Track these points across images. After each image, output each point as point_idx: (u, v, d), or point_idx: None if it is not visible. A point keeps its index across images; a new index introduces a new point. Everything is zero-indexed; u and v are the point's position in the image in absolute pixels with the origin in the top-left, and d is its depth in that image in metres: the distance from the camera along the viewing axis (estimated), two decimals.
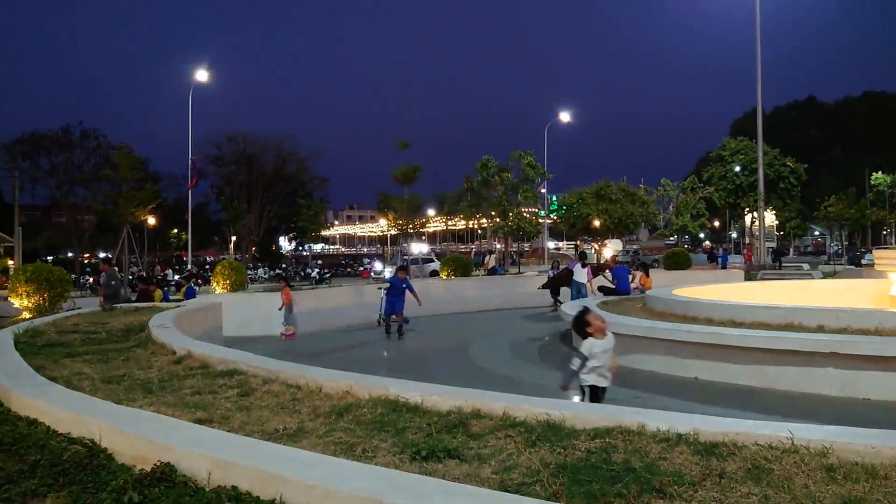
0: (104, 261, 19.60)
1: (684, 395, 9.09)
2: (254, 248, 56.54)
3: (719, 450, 3.49)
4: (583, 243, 56.98)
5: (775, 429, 3.69)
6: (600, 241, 50.73)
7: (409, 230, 44.39)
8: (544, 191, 47.40)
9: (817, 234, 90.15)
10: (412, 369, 12.18)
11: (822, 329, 9.66)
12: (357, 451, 3.72)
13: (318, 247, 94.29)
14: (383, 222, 53.08)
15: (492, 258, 41.55)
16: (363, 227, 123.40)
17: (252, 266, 49.86)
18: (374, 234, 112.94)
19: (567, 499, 2.90)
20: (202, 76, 36.59)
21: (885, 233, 74.85)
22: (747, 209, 45.60)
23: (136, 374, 6.12)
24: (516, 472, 3.30)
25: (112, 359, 6.98)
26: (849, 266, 42.71)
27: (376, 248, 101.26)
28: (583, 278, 18.95)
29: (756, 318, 10.61)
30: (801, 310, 10.61)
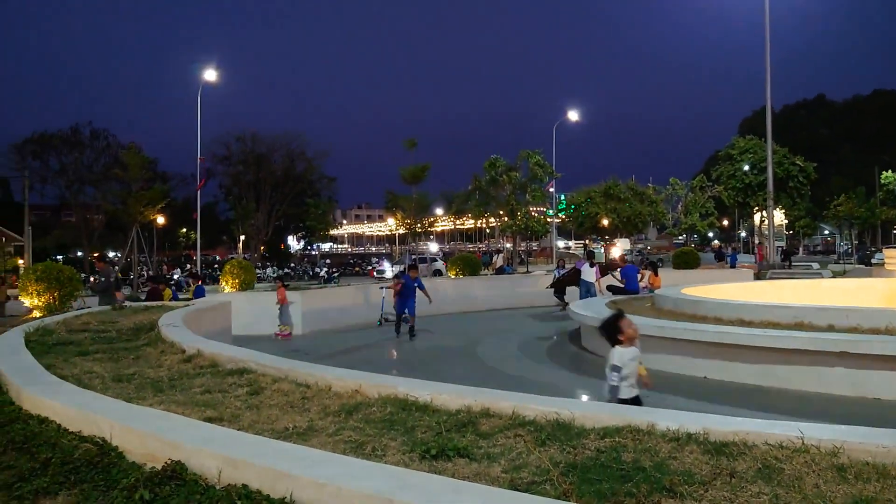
0: (99, 258, 19.60)
1: (693, 395, 9.07)
2: (262, 248, 56.58)
3: (729, 449, 3.48)
4: (592, 242, 56.93)
5: (786, 428, 3.68)
6: (609, 241, 50.69)
7: (418, 229, 44.42)
8: (553, 190, 47.33)
9: (827, 233, 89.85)
10: (421, 368, 12.19)
11: (832, 328, 9.62)
12: (367, 450, 3.72)
13: (327, 246, 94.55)
14: (391, 221, 53.10)
15: (499, 257, 41.58)
16: (371, 226, 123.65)
17: (261, 265, 49.95)
18: (382, 233, 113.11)
19: (577, 498, 2.90)
20: (211, 76, 36.67)
21: (895, 232, 74.44)
22: (756, 208, 45.49)
23: (147, 373, 6.14)
24: (526, 470, 3.30)
25: (122, 357, 7.01)
26: (858, 265, 42.54)
27: (385, 248, 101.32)
28: (591, 277, 18.93)
29: (765, 318, 10.58)
30: (811, 309, 10.57)
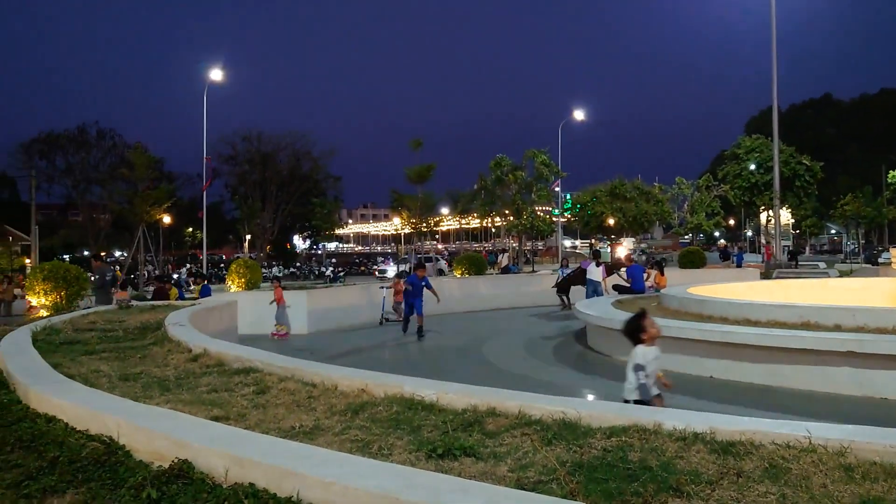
0: (94, 257, 19.65)
1: (700, 394, 9.04)
2: (268, 247, 56.69)
3: (736, 449, 3.47)
4: (598, 242, 56.89)
5: (793, 428, 3.67)
6: (615, 240, 50.65)
7: (423, 229, 44.44)
8: (558, 189, 47.36)
9: (833, 232, 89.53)
10: (427, 367, 12.19)
11: (838, 328, 9.59)
12: (373, 449, 3.73)
13: (332, 245, 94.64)
14: (397, 221, 53.12)
15: (504, 256, 41.57)
16: (377, 225, 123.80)
17: (266, 265, 50.02)
18: (387, 232, 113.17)
19: (584, 497, 2.90)
20: (216, 75, 36.78)
21: None
22: (762, 207, 45.39)
23: (153, 372, 6.16)
24: (532, 470, 3.30)
25: (129, 356, 7.03)
26: (865, 265, 42.43)
27: (391, 247, 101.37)
28: (598, 277, 18.94)
29: (772, 317, 10.55)
30: (818, 308, 10.54)
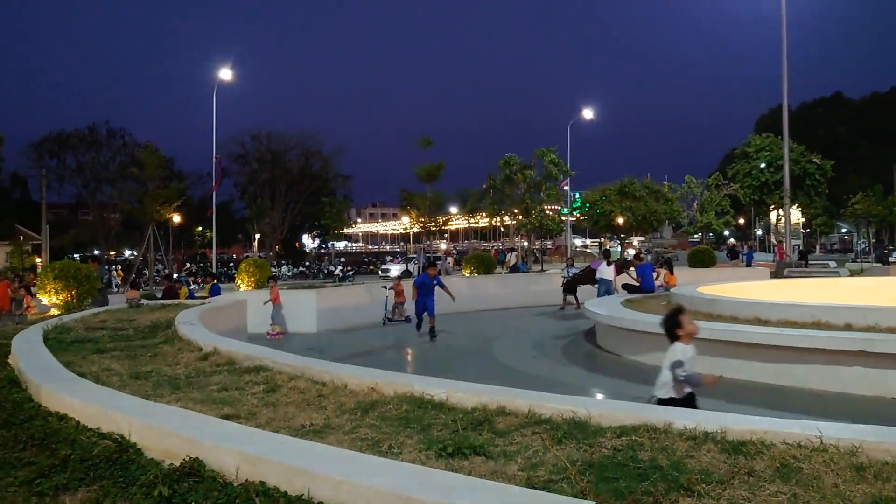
0: (91, 259, 19.75)
1: (710, 394, 8.99)
2: (278, 246, 56.81)
3: (747, 448, 3.46)
4: (607, 241, 56.77)
5: (804, 427, 3.66)
6: (626, 240, 50.56)
7: (432, 228, 44.42)
8: (567, 188, 47.27)
9: (844, 231, 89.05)
10: (436, 366, 12.18)
11: (849, 327, 9.54)
12: (383, 448, 3.73)
13: (342, 244, 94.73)
14: (406, 220, 53.10)
15: (513, 256, 41.51)
16: (386, 224, 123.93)
17: (276, 264, 50.11)
18: (396, 231, 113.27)
19: (594, 496, 2.90)
20: (226, 74, 36.71)
21: None
22: (772, 206, 45.21)
23: (164, 371, 6.19)
24: (543, 469, 3.30)
25: (140, 355, 7.07)
26: (876, 264, 42.17)
27: (400, 246, 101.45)
28: (609, 276, 18.91)
29: (782, 317, 10.50)
30: (828, 308, 10.48)
